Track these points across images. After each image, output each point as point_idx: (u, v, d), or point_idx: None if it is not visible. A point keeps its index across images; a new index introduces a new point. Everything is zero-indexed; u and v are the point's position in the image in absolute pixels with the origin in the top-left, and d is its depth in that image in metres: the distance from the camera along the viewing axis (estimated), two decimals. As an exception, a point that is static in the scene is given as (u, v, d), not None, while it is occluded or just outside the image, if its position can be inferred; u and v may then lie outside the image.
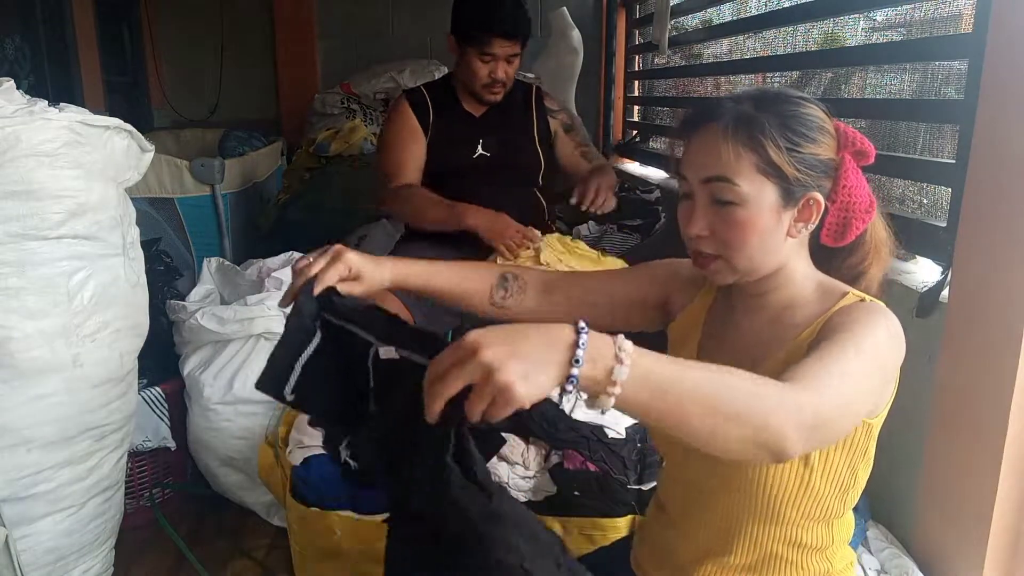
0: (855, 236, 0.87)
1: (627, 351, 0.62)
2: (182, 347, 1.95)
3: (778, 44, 2.23)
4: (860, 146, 0.86)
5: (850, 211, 0.86)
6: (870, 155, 0.87)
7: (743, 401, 0.65)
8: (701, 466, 0.92)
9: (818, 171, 0.85)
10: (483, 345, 0.60)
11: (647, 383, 0.63)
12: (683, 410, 0.64)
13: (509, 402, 0.60)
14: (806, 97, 0.88)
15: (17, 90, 1.39)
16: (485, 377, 0.59)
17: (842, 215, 0.86)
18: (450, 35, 2.06)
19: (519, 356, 0.60)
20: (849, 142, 0.87)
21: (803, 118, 0.85)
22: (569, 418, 1.46)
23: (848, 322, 0.81)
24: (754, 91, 0.90)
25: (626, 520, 1.38)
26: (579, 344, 0.61)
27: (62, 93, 3.11)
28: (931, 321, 1.29)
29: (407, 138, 2.11)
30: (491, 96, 2.09)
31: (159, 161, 2.39)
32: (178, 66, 4.23)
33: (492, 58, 2.01)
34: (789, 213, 0.86)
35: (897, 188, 1.66)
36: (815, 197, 0.85)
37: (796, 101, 0.87)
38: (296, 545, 1.51)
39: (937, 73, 1.55)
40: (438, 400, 0.62)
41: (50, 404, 1.39)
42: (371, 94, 3.67)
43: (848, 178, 0.86)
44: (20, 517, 1.40)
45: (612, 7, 3.68)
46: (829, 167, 0.86)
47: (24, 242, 1.34)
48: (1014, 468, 1.12)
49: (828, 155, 0.86)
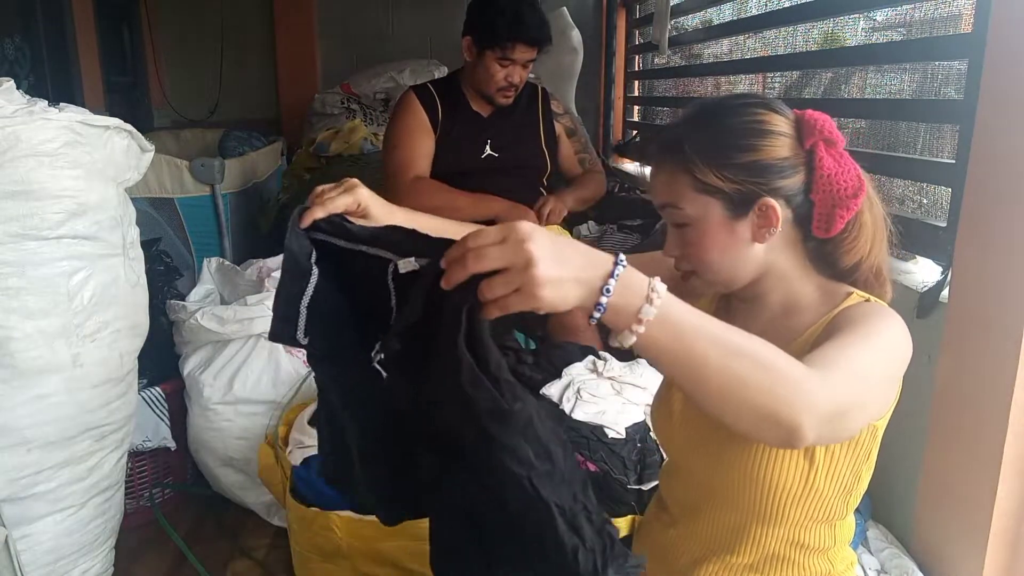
0: (843, 224, 0.84)
1: (659, 293, 0.63)
2: (182, 347, 1.95)
3: (778, 44, 2.23)
4: (827, 135, 0.84)
5: (834, 200, 0.84)
6: (838, 143, 0.85)
7: (765, 370, 0.65)
8: (705, 464, 0.92)
9: (770, 174, 0.84)
10: (532, 238, 0.60)
11: (672, 327, 0.63)
12: (703, 362, 0.64)
13: (531, 299, 0.60)
14: (749, 102, 0.87)
15: (17, 90, 1.38)
16: (523, 265, 0.59)
17: (827, 205, 0.84)
18: (465, 37, 2.07)
19: (560, 262, 0.60)
20: (814, 132, 0.84)
21: (734, 128, 0.85)
22: (569, 418, 1.46)
23: (860, 318, 0.80)
24: (691, 110, 0.90)
25: (626, 520, 1.38)
26: (613, 275, 0.62)
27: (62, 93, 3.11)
28: (931, 321, 1.30)
29: (417, 132, 2.11)
30: (503, 99, 2.11)
31: (159, 161, 2.39)
32: (178, 66, 4.23)
33: (511, 63, 2.03)
34: (744, 223, 0.85)
35: (897, 188, 1.66)
36: (767, 203, 0.83)
37: (732, 110, 0.87)
38: (296, 545, 1.51)
39: (937, 73, 1.55)
40: (466, 271, 0.61)
41: (50, 404, 1.39)
42: (371, 94, 3.67)
43: (824, 167, 0.83)
44: (20, 517, 1.40)
45: (612, 7, 3.68)
46: (788, 165, 0.84)
47: (24, 242, 1.34)
48: (1014, 468, 1.12)
49: (781, 154, 0.84)
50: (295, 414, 1.62)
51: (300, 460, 1.45)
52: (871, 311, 0.82)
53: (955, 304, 1.22)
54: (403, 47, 4.00)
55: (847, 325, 0.79)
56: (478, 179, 2.12)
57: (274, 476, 1.57)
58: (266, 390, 1.85)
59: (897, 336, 0.80)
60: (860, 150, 1.80)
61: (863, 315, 0.81)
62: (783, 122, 0.85)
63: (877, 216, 0.88)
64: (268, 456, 1.59)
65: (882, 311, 0.82)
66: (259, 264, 2.05)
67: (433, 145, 2.12)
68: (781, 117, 0.86)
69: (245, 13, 4.12)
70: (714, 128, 0.86)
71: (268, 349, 1.87)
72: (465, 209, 2.06)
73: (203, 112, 4.21)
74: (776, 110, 0.86)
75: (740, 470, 0.87)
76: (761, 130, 0.84)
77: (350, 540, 1.42)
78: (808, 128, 0.84)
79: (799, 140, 0.85)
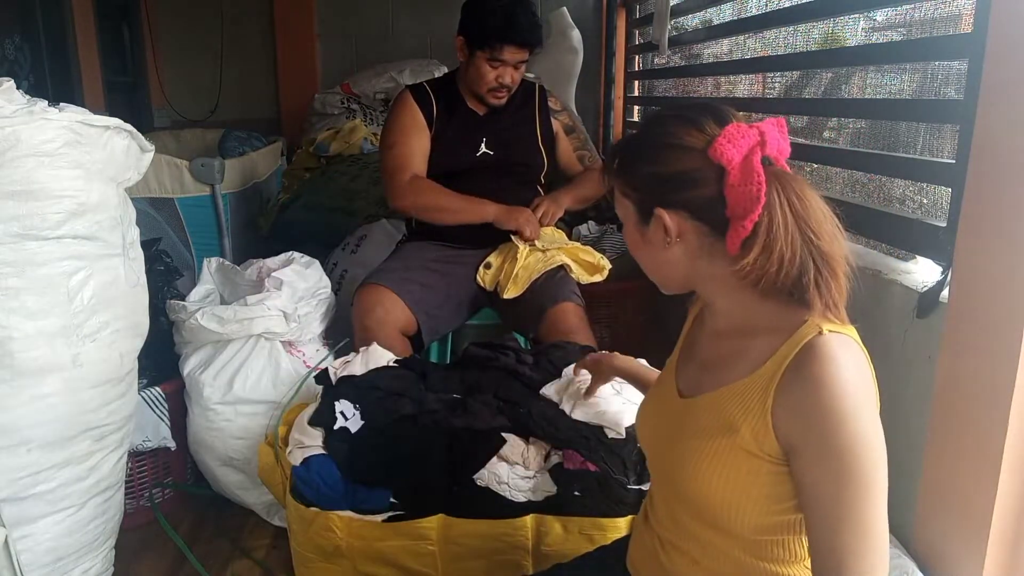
0: (743, 237, 0.81)
1: None
2: (182, 347, 1.95)
3: (778, 44, 2.23)
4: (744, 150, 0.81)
5: (733, 214, 0.82)
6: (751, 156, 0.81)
7: None
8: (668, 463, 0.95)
9: (667, 186, 0.85)
10: None
11: None
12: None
13: None
14: (672, 115, 0.88)
15: (17, 90, 1.38)
16: None
17: (736, 219, 0.82)
18: (458, 36, 2.07)
19: None
20: (725, 146, 0.81)
21: (651, 140, 0.89)
22: (569, 418, 1.46)
23: (823, 427, 0.77)
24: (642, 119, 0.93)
25: (626, 520, 1.38)
26: None
27: (62, 93, 3.11)
28: (931, 321, 1.30)
29: (413, 131, 2.10)
30: (495, 100, 2.10)
31: (159, 161, 2.39)
32: (178, 66, 4.24)
33: (501, 64, 2.03)
34: (651, 229, 0.89)
35: (897, 188, 1.66)
36: (659, 212, 0.86)
37: (656, 122, 0.90)
38: (296, 545, 1.51)
39: (937, 73, 1.55)
40: None
41: (50, 404, 1.39)
42: (371, 94, 3.67)
43: (731, 178, 0.81)
44: (20, 517, 1.40)
45: (612, 7, 3.68)
46: (689, 178, 0.83)
47: (24, 242, 1.34)
48: (1014, 468, 1.12)
49: (683, 166, 0.84)
50: (295, 414, 1.62)
51: (300, 460, 1.45)
52: (833, 392, 0.77)
53: (955, 304, 1.22)
54: (403, 47, 4.01)
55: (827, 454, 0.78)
56: (474, 178, 2.11)
57: (274, 476, 1.57)
58: (266, 390, 1.85)
59: (867, 415, 0.78)
60: (860, 150, 1.81)
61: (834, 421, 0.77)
62: (697, 137, 0.84)
63: (801, 215, 0.82)
64: (268, 456, 1.59)
65: (839, 371, 0.78)
66: (259, 264, 2.05)
67: (429, 143, 2.12)
68: (699, 133, 0.84)
69: (245, 13, 4.12)
70: (636, 139, 0.92)
71: (268, 349, 1.88)
72: (460, 212, 2.06)
73: (203, 112, 4.22)
74: (699, 124, 0.84)
75: (695, 485, 0.88)
76: (667, 143, 0.86)
77: (350, 540, 1.42)
78: (720, 143, 0.81)
79: (709, 154, 0.82)
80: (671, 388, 0.99)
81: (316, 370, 1.85)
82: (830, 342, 0.80)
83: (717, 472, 0.86)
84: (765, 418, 0.82)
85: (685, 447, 0.90)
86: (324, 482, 1.42)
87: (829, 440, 0.78)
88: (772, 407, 0.82)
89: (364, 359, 1.69)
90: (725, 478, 0.85)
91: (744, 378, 0.86)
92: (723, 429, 0.86)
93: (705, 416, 0.89)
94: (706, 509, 0.89)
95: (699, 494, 0.88)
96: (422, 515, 1.41)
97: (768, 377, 0.83)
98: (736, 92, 2.62)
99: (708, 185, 0.84)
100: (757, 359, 0.86)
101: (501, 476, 1.41)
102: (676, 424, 0.94)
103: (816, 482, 0.79)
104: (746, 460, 0.84)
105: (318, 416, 1.51)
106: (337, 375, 1.63)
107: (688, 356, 1.01)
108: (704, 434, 0.88)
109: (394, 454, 1.44)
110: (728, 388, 0.87)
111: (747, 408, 0.84)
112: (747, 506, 0.85)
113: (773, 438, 0.82)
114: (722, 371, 0.90)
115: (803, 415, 0.79)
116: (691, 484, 0.89)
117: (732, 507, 0.86)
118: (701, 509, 0.90)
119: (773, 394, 0.82)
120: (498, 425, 1.47)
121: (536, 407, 1.49)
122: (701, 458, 0.87)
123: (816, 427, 0.78)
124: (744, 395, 0.85)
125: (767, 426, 0.82)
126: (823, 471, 0.79)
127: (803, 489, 0.81)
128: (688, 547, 0.94)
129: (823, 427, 0.78)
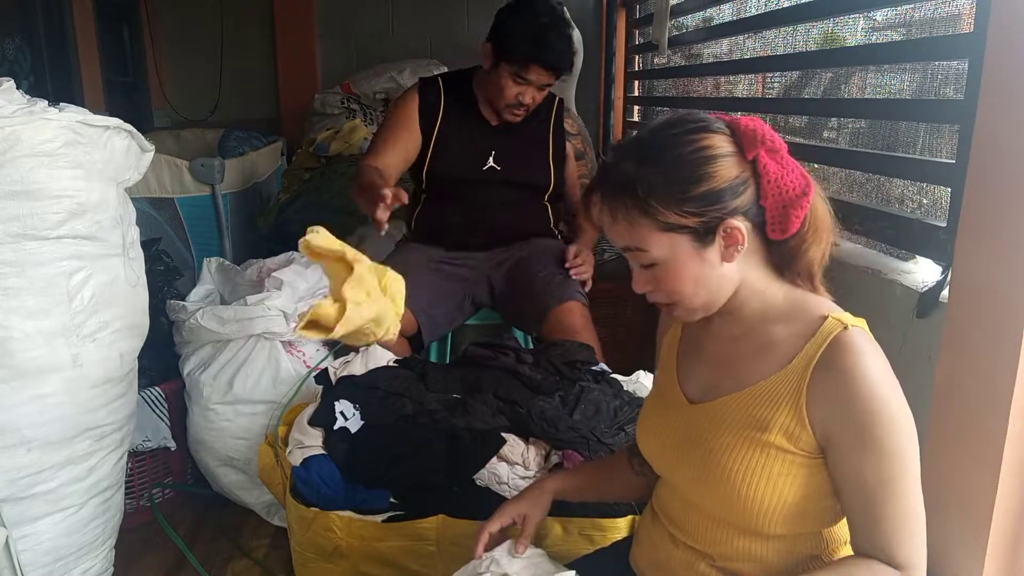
0: (799, 223, 0.85)
1: None
2: (182, 347, 1.95)
3: (778, 44, 2.23)
4: (768, 142, 0.85)
5: (785, 202, 0.85)
6: (780, 149, 0.85)
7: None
8: (689, 480, 0.94)
9: (726, 197, 0.84)
10: None
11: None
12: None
13: None
14: (688, 128, 0.86)
15: (17, 90, 1.38)
16: None
17: (779, 208, 0.85)
18: (487, 43, 1.99)
19: None
20: (755, 143, 0.84)
21: (687, 159, 0.84)
22: (569, 418, 1.46)
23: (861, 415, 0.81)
24: (632, 146, 0.89)
25: (626, 520, 1.38)
26: None
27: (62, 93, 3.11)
28: (931, 321, 1.30)
29: (399, 127, 2.06)
30: (511, 116, 2.04)
31: (159, 161, 2.39)
32: (178, 66, 4.23)
33: (526, 83, 1.96)
34: (712, 248, 0.86)
35: (897, 188, 1.66)
36: (731, 224, 0.84)
37: (674, 141, 0.85)
38: (296, 545, 1.51)
39: (937, 73, 1.55)
40: None
41: (50, 404, 1.39)
42: (371, 94, 3.67)
43: (770, 173, 0.85)
44: (20, 517, 1.40)
45: (612, 7, 3.68)
46: (739, 182, 0.85)
47: (24, 242, 1.34)
48: (1014, 468, 1.12)
49: (732, 174, 0.84)
50: (295, 414, 1.62)
51: (300, 460, 1.45)
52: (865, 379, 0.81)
53: (955, 304, 1.22)
54: (403, 47, 4.00)
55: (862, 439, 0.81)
56: (477, 190, 2.07)
57: (274, 476, 1.57)
58: (266, 390, 1.85)
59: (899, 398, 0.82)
60: (860, 150, 1.81)
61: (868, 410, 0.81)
62: (723, 141, 0.85)
63: (817, 219, 0.88)
64: (268, 456, 1.59)
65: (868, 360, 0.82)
66: (259, 264, 2.05)
67: (413, 144, 2.06)
68: (720, 136, 0.86)
69: (245, 13, 4.12)
70: (663, 164, 0.85)
71: (268, 349, 1.88)
72: (358, 200, 1.84)
73: (203, 112, 4.21)
74: (714, 129, 0.86)
75: (724, 489, 0.88)
76: (707, 156, 0.84)
77: (350, 540, 1.42)
78: (748, 140, 0.85)
79: (742, 154, 0.85)
80: (676, 396, 0.98)
81: (316, 370, 1.85)
82: (857, 336, 0.84)
83: (750, 473, 0.86)
84: (799, 413, 0.84)
85: (706, 453, 0.89)
86: (324, 482, 1.42)
87: (869, 424, 0.81)
88: (806, 402, 0.84)
89: (364, 359, 1.69)
90: (757, 477, 0.85)
91: (770, 376, 0.87)
92: (752, 429, 0.86)
93: (730, 418, 0.89)
94: (732, 512, 0.89)
95: (726, 499, 0.88)
96: (422, 515, 1.41)
97: (798, 374, 0.85)
98: (736, 92, 2.62)
99: (748, 184, 0.86)
100: (781, 357, 0.87)
101: (501, 476, 1.41)
102: (692, 431, 0.93)
103: (859, 467, 0.82)
104: (778, 458, 0.85)
105: (318, 416, 1.51)
106: (337, 375, 1.63)
107: (693, 361, 0.99)
108: (730, 437, 0.88)
109: (394, 454, 1.44)
110: (754, 388, 0.88)
111: (777, 406, 0.85)
112: (777, 506, 0.86)
113: (809, 432, 0.84)
114: (742, 372, 0.90)
115: (841, 404, 0.82)
116: (716, 490, 0.88)
117: (764, 507, 0.86)
118: (727, 513, 0.90)
119: (806, 389, 0.84)
120: (498, 425, 1.47)
121: (536, 407, 1.49)
122: (729, 462, 0.87)
123: (855, 413, 0.81)
124: (773, 393, 0.86)
125: (802, 420, 0.84)
126: (865, 455, 0.81)
127: (844, 477, 0.83)
128: (708, 550, 0.94)
129: (862, 413, 0.81)
